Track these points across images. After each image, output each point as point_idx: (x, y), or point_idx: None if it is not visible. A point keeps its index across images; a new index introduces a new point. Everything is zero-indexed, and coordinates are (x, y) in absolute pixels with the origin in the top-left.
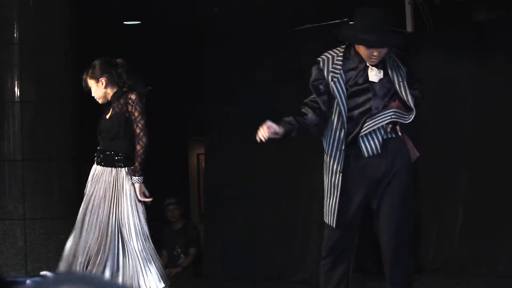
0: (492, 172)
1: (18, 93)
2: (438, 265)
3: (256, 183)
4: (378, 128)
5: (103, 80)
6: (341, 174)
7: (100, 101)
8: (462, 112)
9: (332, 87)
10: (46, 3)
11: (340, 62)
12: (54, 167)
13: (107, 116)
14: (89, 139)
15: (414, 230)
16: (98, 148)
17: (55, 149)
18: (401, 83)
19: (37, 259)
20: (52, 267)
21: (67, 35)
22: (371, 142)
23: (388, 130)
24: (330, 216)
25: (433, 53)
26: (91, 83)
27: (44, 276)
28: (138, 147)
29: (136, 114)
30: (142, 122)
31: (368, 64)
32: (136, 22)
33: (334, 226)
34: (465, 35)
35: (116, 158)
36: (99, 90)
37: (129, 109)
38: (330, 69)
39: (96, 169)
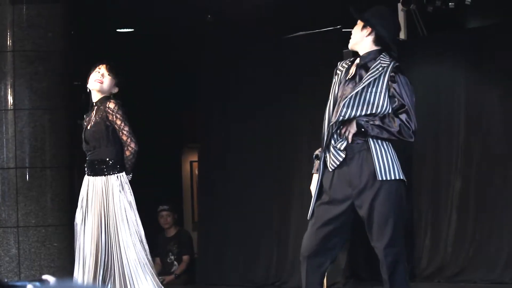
0: (486, 178)
1: (12, 100)
2: (431, 272)
3: (249, 191)
4: (341, 142)
5: (115, 81)
6: (321, 170)
7: (96, 91)
8: (455, 119)
9: (334, 80)
10: (39, 11)
11: (349, 63)
12: (47, 175)
13: (89, 126)
14: (82, 146)
15: (407, 237)
16: (86, 159)
17: (49, 157)
18: (373, 89)
19: (30, 267)
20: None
21: (60, 43)
22: (332, 155)
23: (349, 141)
24: (310, 209)
25: (426, 60)
26: (110, 76)
27: (44, 281)
28: (127, 153)
29: (119, 122)
30: (126, 128)
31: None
32: (129, 30)
33: (308, 218)
34: (458, 41)
35: (104, 166)
36: (110, 84)
37: (110, 118)
38: (339, 67)
39: (87, 180)
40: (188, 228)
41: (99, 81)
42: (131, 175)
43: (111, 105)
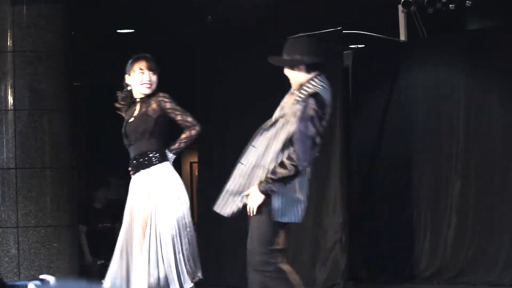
0: (485, 180)
1: (11, 101)
2: (430, 273)
3: None
4: None
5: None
6: None
7: (145, 94)
8: (455, 121)
9: None
10: (39, 11)
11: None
12: (47, 175)
13: (131, 119)
14: (82, 147)
15: (405, 239)
16: (130, 158)
17: (49, 157)
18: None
19: (30, 267)
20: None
21: (60, 43)
22: None
23: None
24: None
25: (426, 61)
26: (155, 75)
27: (44, 281)
28: (194, 132)
29: (179, 107)
30: (187, 112)
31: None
32: (130, 31)
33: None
34: (458, 43)
35: (147, 159)
36: (156, 83)
37: (168, 106)
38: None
39: (132, 180)
40: None
41: (147, 86)
42: (174, 157)
43: (163, 94)
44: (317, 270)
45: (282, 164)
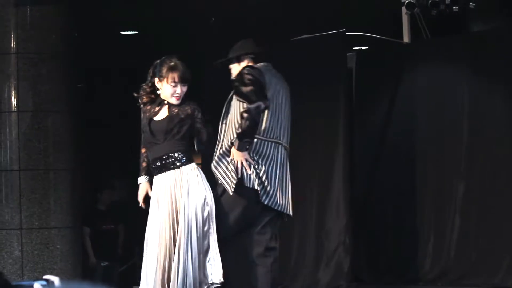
0: (489, 182)
1: (15, 102)
2: (434, 276)
3: None
4: None
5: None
6: None
7: (177, 103)
8: (459, 122)
9: None
10: (43, 13)
11: None
12: (51, 177)
13: (158, 118)
14: (85, 148)
15: (408, 241)
16: (153, 158)
17: (52, 159)
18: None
19: (33, 269)
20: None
21: (63, 45)
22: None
23: None
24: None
25: (429, 63)
26: (186, 86)
27: (49, 280)
28: (204, 137)
29: (203, 120)
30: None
31: None
32: (133, 32)
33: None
34: (461, 45)
35: (174, 159)
36: (184, 94)
37: (199, 117)
38: None
39: (155, 180)
40: None
41: (177, 98)
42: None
43: (196, 103)
44: (320, 272)
45: (241, 116)
